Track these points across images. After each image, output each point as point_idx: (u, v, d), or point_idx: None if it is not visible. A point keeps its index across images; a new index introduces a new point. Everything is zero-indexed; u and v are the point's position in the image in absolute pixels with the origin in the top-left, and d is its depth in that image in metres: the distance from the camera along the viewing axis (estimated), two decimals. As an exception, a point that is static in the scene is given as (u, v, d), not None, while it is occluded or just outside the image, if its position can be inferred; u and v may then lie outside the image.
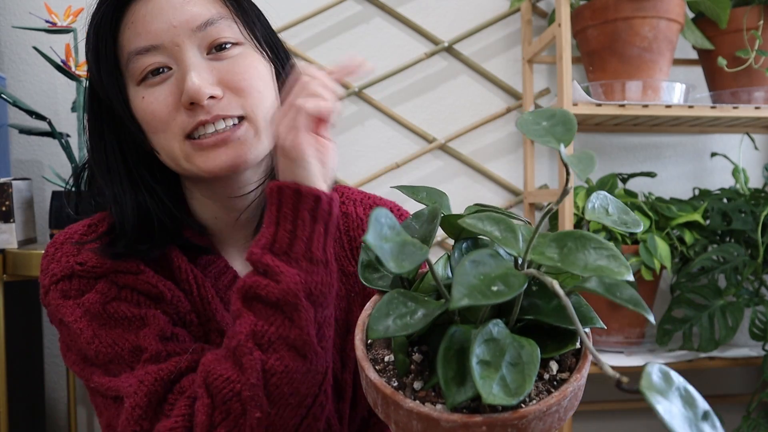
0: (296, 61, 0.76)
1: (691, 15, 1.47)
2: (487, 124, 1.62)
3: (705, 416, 0.33)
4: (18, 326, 1.28)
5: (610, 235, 1.37)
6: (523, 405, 0.39)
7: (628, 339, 1.44)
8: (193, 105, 0.65)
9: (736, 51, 1.39)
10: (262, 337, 0.58)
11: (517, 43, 1.63)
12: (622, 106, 1.32)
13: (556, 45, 1.35)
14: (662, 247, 1.34)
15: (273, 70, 0.72)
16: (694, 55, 1.58)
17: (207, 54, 0.68)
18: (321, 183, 0.61)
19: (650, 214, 1.41)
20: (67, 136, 1.31)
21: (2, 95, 1.22)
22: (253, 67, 0.69)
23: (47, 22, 1.22)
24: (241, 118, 0.67)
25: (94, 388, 0.66)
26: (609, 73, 1.38)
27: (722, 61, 1.39)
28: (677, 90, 1.36)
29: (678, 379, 0.34)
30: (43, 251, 0.72)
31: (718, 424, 0.34)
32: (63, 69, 1.21)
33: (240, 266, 0.77)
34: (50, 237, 1.25)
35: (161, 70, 0.67)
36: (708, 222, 1.42)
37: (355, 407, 0.78)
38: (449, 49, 1.60)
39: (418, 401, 0.41)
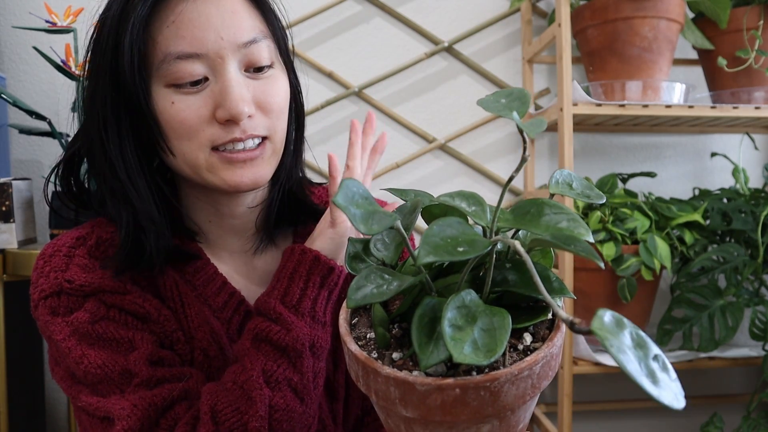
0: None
1: (691, 15, 1.47)
2: (487, 124, 1.63)
3: (655, 358, 0.34)
4: (18, 326, 1.28)
5: (610, 236, 1.37)
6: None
7: (628, 339, 1.44)
8: (229, 122, 0.65)
9: (736, 51, 1.39)
10: (271, 376, 0.64)
11: (517, 43, 1.63)
12: (622, 106, 1.32)
13: (556, 45, 1.35)
14: (662, 247, 1.34)
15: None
16: (694, 55, 1.58)
17: (244, 70, 0.67)
18: (341, 259, 0.70)
19: (650, 214, 1.41)
20: (67, 136, 1.31)
21: (2, 95, 1.22)
22: (283, 90, 0.70)
23: (47, 22, 1.22)
24: (263, 138, 0.69)
25: (82, 407, 0.66)
26: (609, 73, 1.38)
27: (722, 61, 1.39)
28: (677, 90, 1.36)
29: (630, 324, 0.35)
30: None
31: (670, 367, 0.35)
32: (63, 69, 1.21)
33: (228, 270, 0.76)
34: (50, 237, 1.25)
35: (200, 81, 0.65)
36: (708, 222, 1.42)
37: (348, 407, 0.79)
38: (449, 49, 1.60)
39: (395, 369, 0.42)
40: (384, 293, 0.43)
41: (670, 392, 0.33)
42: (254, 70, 0.67)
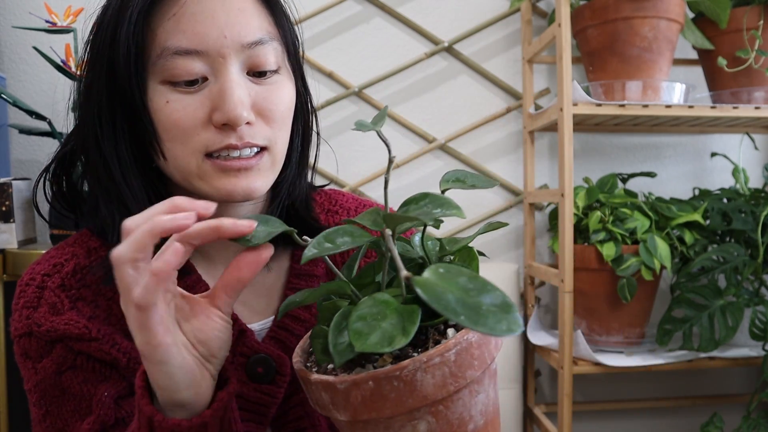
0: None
1: (691, 15, 1.47)
2: (487, 124, 1.62)
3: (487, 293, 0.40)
4: (18, 326, 1.28)
5: (610, 236, 1.37)
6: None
7: (628, 339, 1.44)
8: (225, 126, 0.61)
9: (736, 51, 1.39)
10: None
11: (517, 43, 1.63)
12: (622, 106, 1.32)
13: (556, 45, 1.35)
14: (662, 247, 1.34)
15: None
16: (694, 55, 1.58)
17: (247, 73, 0.63)
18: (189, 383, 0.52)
19: (650, 214, 1.41)
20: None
21: (2, 95, 1.22)
22: (287, 98, 0.65)
23: (47, 22, 1.22)
24: (262, 148, 0.64)
25: None
26: (609, 73, 1.38)
27: (722, 61, 1.39)
28: (677, 90, 1.36)
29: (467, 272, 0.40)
30: (43, 251, 0.71)
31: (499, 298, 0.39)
32: (63, 69, 1.21)
33: (210, 280, 0.71)
34: (50, 237, 1.25)
35: (197, 81, 0.61)
36: (708, 222, 1.42)
37: None
38: (449, 49, 1.60)
39: (322, 375, 0.45)
40: (304, 300, 0.50)
41: (492, 320, 0.35)
42: (258, 74, 0.63)
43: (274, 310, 0.73)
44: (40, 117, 1.24)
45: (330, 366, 0.47)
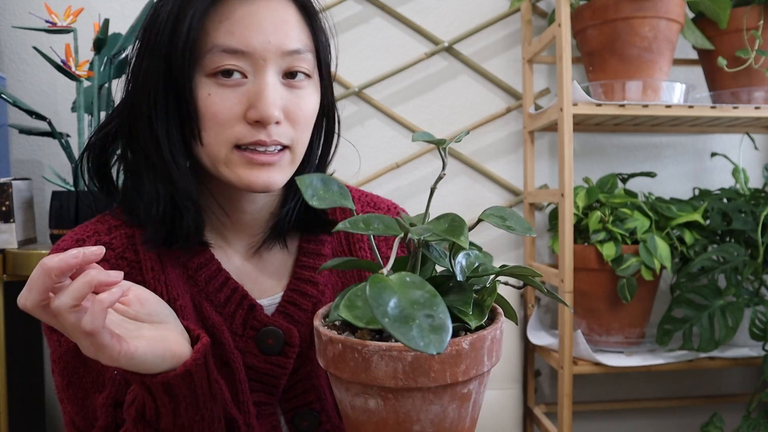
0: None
1: (691, 15, 1.47)
2: (487, 124, 1.62)
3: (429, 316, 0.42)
4: (18, 326, 1.28)
5: (610, 236, 1.37)
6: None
7: (628, 339, 1.44)
8: (257, 123, 0.67)
9: (736, 51, 1.39)
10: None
11: (517, 43, 1.63)
12: (622, 106, 1.32)
13: (556, 45, 1.35)
14: (662, 247, 1.34)
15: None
16: (694, 55, 1.58)
17: (282, 77, 0.69)
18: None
19: (650, 214, 1.41)
20: (67, 136, 1.31)
21: (2, 95, 1.22)
22: (312, 105, 0.72)
23: (47, 22, 1.22)
24: (285, 146, 0.71)
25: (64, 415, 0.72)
26: (609, 73, 1.38)
27: (722, 61, 1.39)
28: (677, 90, 1.36)
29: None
30: (43, 251, 0.72)
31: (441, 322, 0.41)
32: (63, 69, 1.21)
33: (233, 265, 0.78)
34: (50, 237, 1.25)
35: (234, 73, 0.67)
36: (708, 222, 1.42)
37: None
38: (449, 49, 1.60)
39: (320, 326, 0.51)
40: (336, 266, 0.56)
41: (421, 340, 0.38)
42: (290, 79, 0.70)
43: (284, 287, 0.79)
44: (40, 117, 1.24)
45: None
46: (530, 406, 1.60)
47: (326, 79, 0.76)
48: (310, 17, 0.72)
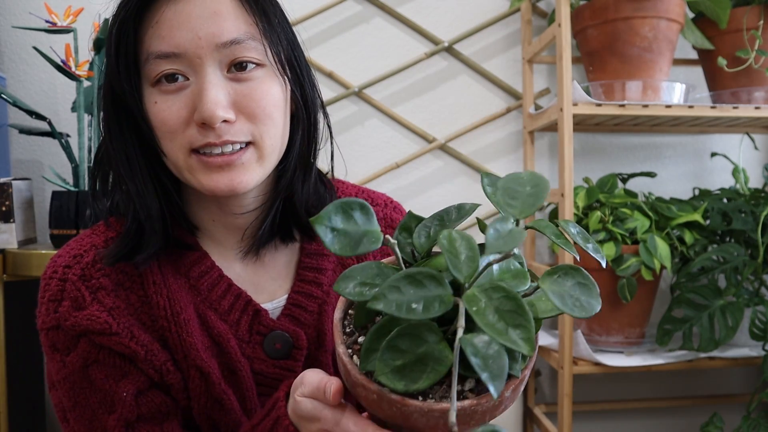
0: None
1: (691, 15, 1.47)
2: (487, 124, 1.62)
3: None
4: (18, 326, 1.28)
5: (610, 236, 1.37)
6: (433, 400, 0.45)
7: (628, 339, 1.44)
8: (204, 125, 0.65)
9: (736, 51, 1.39)
10: None
11: (517, 43, 1.63)
12: (622, 106, 1.32)
13: (556, 45, 1.35)
14: (662, 247, 1.34)
15: (289, 91, 0.71)
16: (694, 55, 1.58)
17: (227, 71, 0.66)
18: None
19: (650, 214, 1.41)
20: (67, 136, 1.31)
21: (2, 95, 1.22)
22: (271, 94, 0.68)
23: (47, 22, 1.22)
24: (248, 143, 0.67)
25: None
26: (609, 73, 1.38)
27: (722, 61, 1.39)
28: (677, 90, 1.36)
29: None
30: (43, 251, 0.72)
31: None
32: (63, 69, 1.21)
33: (233, 270, 0.76)
34: (50, 237, 1.25)
35: (176, 77, 0.65)
36: (708, 222, 1.42)
37: None
38: (449, 49, 1.60)
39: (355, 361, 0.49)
40: (363, 294, 0.46)
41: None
42: (236, 68, 0.66)
43: (287, 289, 0.78)
44: (40, 117, 1.24)
45: (360, 339, 0.50)
46: (530, 406, 1.60)
47: (296, 66, 0.71)
48: (252, 3, 0.68)
